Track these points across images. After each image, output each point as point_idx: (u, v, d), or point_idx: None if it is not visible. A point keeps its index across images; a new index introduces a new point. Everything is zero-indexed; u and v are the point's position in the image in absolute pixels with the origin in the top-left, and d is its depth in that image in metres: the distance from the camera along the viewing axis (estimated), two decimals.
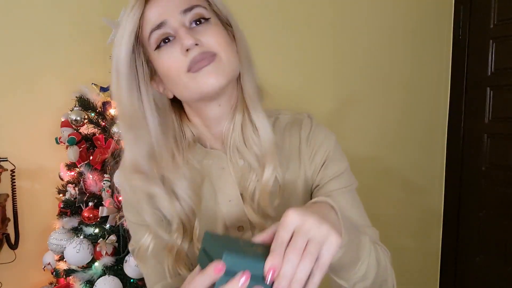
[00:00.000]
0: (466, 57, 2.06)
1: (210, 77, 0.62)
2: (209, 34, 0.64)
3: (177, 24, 0.63)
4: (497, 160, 1.95)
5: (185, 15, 0.64)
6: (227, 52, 0.64)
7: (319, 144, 0.72)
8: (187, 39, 0.61)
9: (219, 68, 0.63)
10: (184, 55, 0.62)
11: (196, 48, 0.62)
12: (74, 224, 1.22)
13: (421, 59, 2.08)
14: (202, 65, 0.62)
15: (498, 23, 1.94)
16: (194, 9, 0.64)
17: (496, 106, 1.96)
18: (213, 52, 0.63)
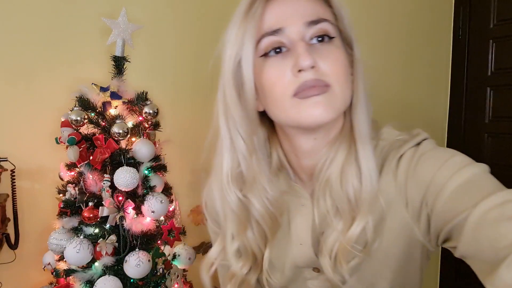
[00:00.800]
0: (466, 57, 2.06)
1: (316, 109, 0.53)
2: (330, 58, 0.54)
3: (296, 36, 0.54)
4: (498, 159, 1.95)
5: (308, 27, 0.54)
6: (342, 84, 0.55)
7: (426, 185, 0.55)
8: (304, 59, 0.52)
9: (330, 101, 0.53)
10: (294, 76, 0.53)
11: (311, 72, 0.53)
12: (74, 224, 1.22)
13: (421, 59, 2.08)
14: (312, 94, 0.53)
15: (498, 23, 1.94)
16: (320, 23, 0.55)
17: (496, 106, 1.96)
18: (327, 82, 0.53)
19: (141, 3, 1.54)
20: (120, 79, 1.37)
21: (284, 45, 0.55)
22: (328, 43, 0.55)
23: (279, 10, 0.55)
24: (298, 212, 0.63)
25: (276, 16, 0.55)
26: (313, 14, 0.55)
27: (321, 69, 0.54)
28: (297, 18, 0.54)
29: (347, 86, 0.56)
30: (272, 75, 0.55)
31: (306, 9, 0.55)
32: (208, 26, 1.67)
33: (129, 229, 1.21)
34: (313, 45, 0.55)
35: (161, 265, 1.29)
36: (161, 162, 1.35)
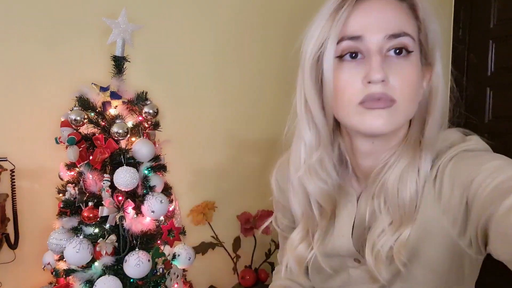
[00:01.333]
0: (466, 57, 2.06)
1: (378, 121, 0.56)
2: (401, 74, 0.56)
3: (374, 46, 0.56)
4: None
5: (388, 40, 0.56)
6: (408, 101, 0.57)
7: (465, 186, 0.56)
8: (376, 73, 0.54)
9: (392, 116, 0.56)
10: (364, 85, 0.56)
11: (380, 85, 0.55)
12: (74, 224, 1.22)
13: None
14: (377, 106, 0.56)
15: (498, 23, 1.94)
16: (401, 38, 0.56)
17: (496, 106, 1.96)
18: (393, 98, 0.56)
19: (141, 3, 1.54)
20: (120, 79, 1.37)
21: (361, 52, 0.57)
22: (404, 57, 0.57)
23: (364, 18, 0.57)
24: (344, 207, 0.68)
25: (359, 23, 0.57)
26: (395, 27, 0.56)
27: (390, 84, 0.56)
28: (378, 29, 0.56)
29: (412, 102, 0.59)
30: (343, 79, 0.58)
31: (389, 21, 0.56)
32: (208, 26, 1.67)
33: (129, 229, 1.21)
34: (389, 57, 0.57)
35: (161, 265, 1.29)
36: (161, 162, 1.35)
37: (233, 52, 1.72)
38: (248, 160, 1.75)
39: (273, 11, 1.77)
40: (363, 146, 0.64)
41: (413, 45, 0.58)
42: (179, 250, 1.37)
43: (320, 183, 0.65)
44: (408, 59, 0.57)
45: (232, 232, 1.68)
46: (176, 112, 1.61)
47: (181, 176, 1.61)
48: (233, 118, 1.74)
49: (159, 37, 1.59)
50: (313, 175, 0.65)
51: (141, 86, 1.40)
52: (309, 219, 0.69)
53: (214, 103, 1.70)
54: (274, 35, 1.78)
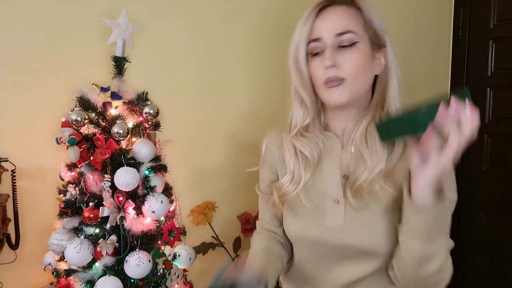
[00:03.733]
0: (466, 57, 2.06)
1: (334, 95, 0.83)
2: (348, 58, 0.82)
3: (328, 43, 0.83)
4: (498, 160, 1.95)
5: (337, 37, 0.82)
6: (356, 77, 0.82)
7: None
8: (327, 60, 0.81)
9: (344, 90, 0.83)
10: (324, 71, 0.82)
11: (333, 70, 0.82)
12: (74, 224, 1.22)
13: (421, 60, 2.08)
14: (332, 85, 0.83)
15: (498, 23, 1.94)
16: (345, 35, 0.82)
17: (496, 106, 1.96)
18: (343, 77, 0.81)
19: (141, 3, 1.54)
20: (120, 80, 1.37)
21: (321, 49, 0.84)
22: (351, 47, 0.82)
23: (321, 24, 0.84)
24: (329, 153, 0.90)
25: (318, 28, 0.84)
26: (341, 27, 0.82)
27: (340, 66, 0.82)
28: (330, 31, 0.83)
29: (360, 78, 0.83)
30: (314, 68, 0.85)
31: (337, 24, 0.82)
32: (208, 26, 1.67)
33: (130, 229, 1.22)
34: (340, 48, 0.83)
35: (161, 265, 1.29)
36: (161, 163, 1.35)
37: (234, 52, 1.72)
38: (249, 160, 1.74)
39: (271, 12, 1.77)
40: (339, 115, 0.91)
41: (358, 38, 0.82)
42: (180, 250, 1.38)
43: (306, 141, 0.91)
44: (353, 48, 0.82)
45: (232, 232, 1.68)
46: (177, 113, 1.61)
47: (181, 176, 1.61)
48: (233, 118, 1.74)
49: (160, 38, 1.59)
50: (300, 137, 0.91)
51: (141, 86, 1.40)
52: (297, 168, 0.91)
53: (214, 104, 1.70)
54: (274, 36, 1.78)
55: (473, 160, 2.03)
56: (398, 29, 2.01)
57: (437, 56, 2.12)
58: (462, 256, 2.08)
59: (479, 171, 2.01)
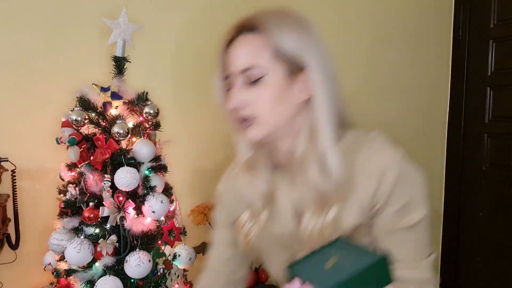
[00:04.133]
0: (466, 57, 2.07)
1: (250, 134, 0.75)
2: (258, 95, 0.73)
3: (235, 81, 0.75)
4: (498, 160, 1.95)
5: (241, 74, 0.73)
6: (270, 113, 0.74)
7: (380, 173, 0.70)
8: (232, 102, 0.74)
9: (259, 127, 0.74)
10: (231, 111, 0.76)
11: (239, 111, 0.74)
12: (74, 224, 1.22)
13: (421, 59, 2.08)
14: (246, 125, 0.75)
15: (498, 23, 1.94)
16: (248, 71, 0.73)
17: (496, 106, 1.96)
18: (254, 115, 0.74)
19: (141, 3, 1.54)
20: (120, 79, 1.37)
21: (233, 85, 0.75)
22: (258, 83, 0.73)
23: (228, 60, 0.75)
24: (282, 194, 0.81)
25: (227, 64, 0.76)
26: (244, 63, 0.73)
27: (250, 105, 0.73)
28: (234, 68, 0.74)
29: (274, 111, 0.74)
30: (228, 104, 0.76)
31: (240, 59, 0.73)
32: (208, 26, 1.67)
33: (130, 229, 1.22)
34: (248, 84, 0.73)
35: (161, 265, 1.29)
36: (161, 162, 1.35)
37: None
38: None
39: None
40: (269, 147, 0.81)
41: (265, 70, 0.72)
42: (180, 250, 1.38)
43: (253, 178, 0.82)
44: (260, 83, 0.73)
45: None
46: (177, 112, 1.62)
47: (181, 176, 1.61)
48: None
49: (160, 38, 1.59)
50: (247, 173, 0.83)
51: (141, 86, 1.40)
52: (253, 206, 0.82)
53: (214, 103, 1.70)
54: None
55: (473, 160, 2.03)
56: (398, 29, 2.02)
57: (437, 56, 2.12)
58: (462, 256, 2.08)
59: (479, 171, 2.01)
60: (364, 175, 0.71)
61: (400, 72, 2.03)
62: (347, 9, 1.90)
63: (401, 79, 2.04)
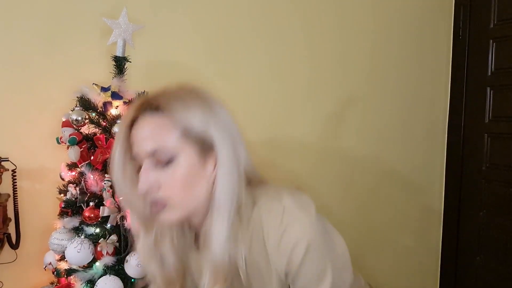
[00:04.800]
0: (466, 57, 2.07)
1: (164, 218, 0.72)
2: (168, 178, 0.69)
3: (142, 163, 0.71)
4: (498, 160, 1.95)
5: (149, 157, 0.70)
6: (181, 195, 0.70)
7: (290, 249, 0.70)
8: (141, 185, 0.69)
9: (172, 210, 0.71)
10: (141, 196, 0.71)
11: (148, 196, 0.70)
12: (75, 224, 1.22)
13: (421, 59, 2.08)
14: (157, 211, 0.71)
15: (498, 23, 1.94)
16: (155, 154, 0.69)
17: (496, 105, 1.96)
18: (164, 200, 0.70)
19: (141, 3, 1.54)
20: (121, 79, 1.37)
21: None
22: (168, 165, 0.69)
23: (134, 142, 0.72)
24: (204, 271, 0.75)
25: (134, 146, 0.72)
26: (151, 146, 0.69)
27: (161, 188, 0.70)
28: (141, 151, 0.71)
29: (187, 192, 0.71)
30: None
31: (146, 141, 0.70)
32: (209, 26, 1.67)
33: (130, 229, 1.22)
34: (158, 167, 0.70)
35: None
36: None
37: (234, 51, 1.72)
38: None
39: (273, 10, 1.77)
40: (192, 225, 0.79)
41: (174, 151, 0.69)
42: None
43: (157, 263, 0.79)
44: (171, 165, 0.69)
45: None
46: None
47: None
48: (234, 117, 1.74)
49: (160, 37, 1.59)
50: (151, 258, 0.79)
51: (141, 86, 1.40)
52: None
53: None
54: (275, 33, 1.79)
55: (473, 159, 2.04)
56: (398, 29, 2.02)
57: (437, 56, 2.12)
58: (462, 256, 2.08)
59: (479, 171, 2.01)
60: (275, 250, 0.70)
61: (400, 72, 2.04)
62: (348, 9, 1.90)
63: (401, 79, 2.04)
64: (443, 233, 2.17)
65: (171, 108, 0.70)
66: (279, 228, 0.70)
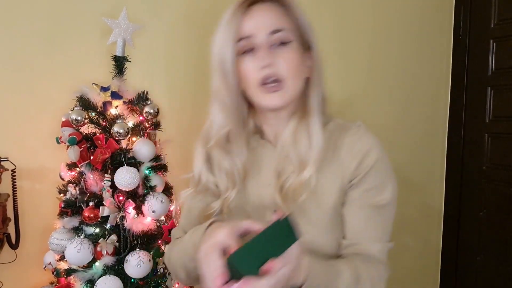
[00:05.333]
0: (466, 57, 2.06)
1: (274, 100, 0.77)
2: (284, 57, 0.76)
3: (261, 41, 0.76)
4: (498, 159, 1.95)
5: (270, 35, 0.76)
6: (293, 77, 0.77)
7: (363, 153, 0.78)
8: (264, 59, 0.75)
9: (284, 93, 0.76)
10: (259, 70, 0.75)
11: (269, 68, 0.75)
12: (74, 224, 1.22)
13: (422, 59, 2.08)
14: (271, 90, 0.76)
15: (499, 23, 1.94)
16: (278, 33, 0.76)
17: (496, 105, 1.96)
18: (281, 78, 0.75)
19: (141, 3, 1.54)
20: (120, 79, 1.37)
21: (253, 47, 0.77)
22: (285, 46, 0.77)
23: (251, 22, 0.77)
24: (266, 162, 0.84)
25: (248, 26, 0.76)
26: (274, 25, 0.76)
27: (277, 65, 0.75)
28: (263, 28, 0.76)
29: (297, 78, 0.78)
30: (246, 68, 0.77)
31: (269, 22, 0.76)
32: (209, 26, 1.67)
33: (130, 229, 1.22)
34: (274, 48, 0.76)
35: (161, 265, 1.29)
36: (161, 162, 1.35)
37: None
38: None
39: None
40: (271, 118, 0.83)
41: (291, 36, 0.77)
42: None
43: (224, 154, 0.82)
44: (287, 46, 0.77)
45: None
46: (177, 112, 1.61)
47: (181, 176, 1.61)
48: None
49: (160, 37, 1.59)
50: (220, 148, 0.82)
51: (141, 86, 1.40)
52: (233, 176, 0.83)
53: None
54: None
55: (473, 159, 2.03)
56: (398, 29, 2.02)
57: (437, 56, 2.12)
58: (462, 256, 2.08)
59: (480, 171, 2.01)
60: (349, 153, 0.79)
61: (400, 72, 2.03)
62: (348, 9, 1.90)
63: (401, 79, 2.04)
64: (443, 233, 2.17)
65: (289, 4, 0.79)
66: (354, 135, 0.80)
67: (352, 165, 0.78)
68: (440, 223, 2.18)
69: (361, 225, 0.78)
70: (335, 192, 0.79)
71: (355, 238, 0.79)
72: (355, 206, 0.79)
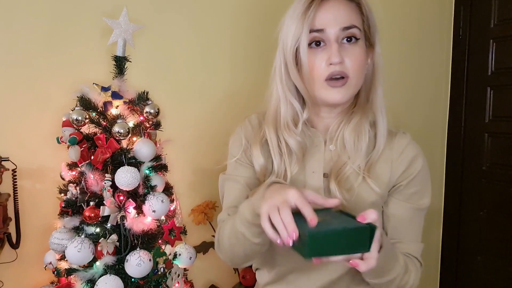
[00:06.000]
0: (466, 56, 2.06)
1: (337, 96, 0.79)
2: (352, 55, 0.78)
3: (333, 36, 0.78)
4: (498, 159, 1.95)
5: (342, 31, 0.78)
6: (358, 76, 0.80)
7: (410, 159, 0.86)
8: (335, 56, 0.76)
9: (347, 90, 0.80)
10: (327, 65, 0.78)
11: (338, 65, 0.77)
12: (75, 223, 1.23)
13: (421, 59, 2.08)
14: (336, 85, 0.79)
15: (499, 23, 1.94)
16: (351, 29, 0.78)
17: (496, 105, 1.96)
18: (347, 75, 0.78)
19: (142, 3, 1.54)
20: (121, 79, 1.37)
21: (323, 41, 0.79)
22: (354, 43, 0.79)
23: (325, 16, 0.78)
24: (312, 151, 0.88)
25: (322, 19, 0.78)
26: (347, 21, 0.78)
27: (345, 64, 0.78)
28: (335, 24, 0.77)
29: (361, 76, 0.81)
30: (313, 61, 0.79)
31: (343, 17, 0.78)
32: (209, 25, 1.67)
33: (130, 228, 1.22)
34: (343, 44, 0.79)
35: (162, 265, 1.29)
36: (162, 162, 1.35)
37: (234, 52, 1.72)
38: None
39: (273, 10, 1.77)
40: (325, 111, 0.88)
41: (360, 34, 0.80)
42: (180, 250, 1.38)
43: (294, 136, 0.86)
44: (357, 44, 0.79)
45: None
46: (177, 112, 1.62)
47: (182, 175, 1.62)
48: (234, 117, 1.74)
49: (160, 37, 1.59)
50: (290, 131, 0.86)
51: (142, 86, 1.40)
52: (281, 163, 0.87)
53: (215, 103, 1.70)
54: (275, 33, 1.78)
55: (473, 159, 2.03)
56: (398, 29, 2.02)
57: (437, 55, 2.12)
58: (462, 256, 2.08)
59: (480, 171, 2.01)
60: (398, 157, 0.85)
61: (400, 71, 2.03)
62: None
63: (401, 79, 2.04)
64: (443, 233, 2.17)
65: (362, 0, 0.82)
66: (402, 140, 0.87)
67: (400, 168, 0.85)
68: (440, 223, 2.18)
69: (404, 225, 0.86)
70: (382, 188, 0.84)
71: (397, 236, 0.86)
72: (400, 207, 0.85)
